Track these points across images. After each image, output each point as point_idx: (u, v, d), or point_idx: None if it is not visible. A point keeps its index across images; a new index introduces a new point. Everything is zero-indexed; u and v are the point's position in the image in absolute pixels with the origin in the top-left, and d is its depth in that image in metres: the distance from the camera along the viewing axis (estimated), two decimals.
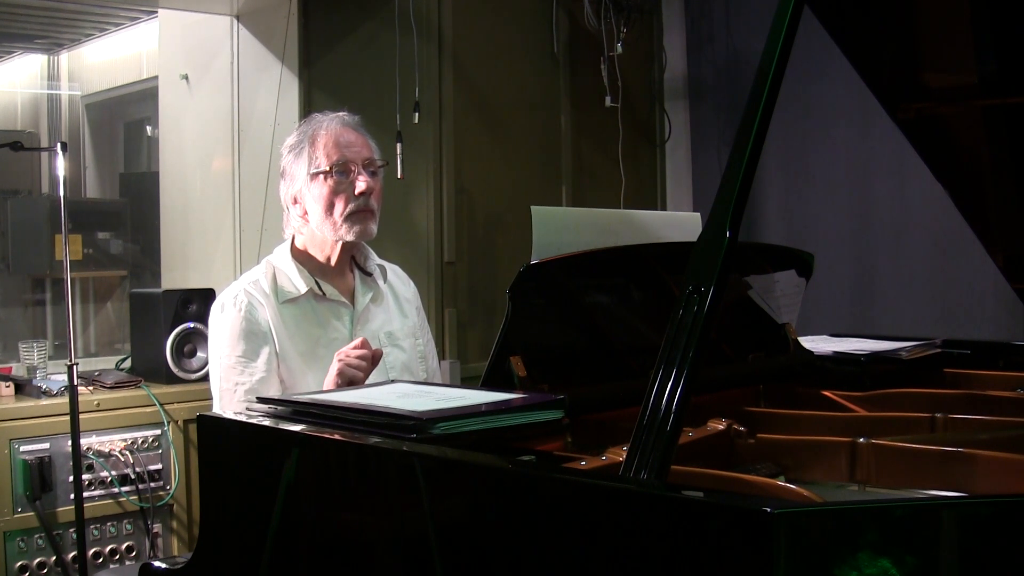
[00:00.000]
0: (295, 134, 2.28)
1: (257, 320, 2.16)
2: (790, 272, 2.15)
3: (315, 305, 2.23)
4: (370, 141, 2.28)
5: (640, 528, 1.10)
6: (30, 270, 4.83)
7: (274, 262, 2.26)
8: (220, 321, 2.19)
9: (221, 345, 2.18)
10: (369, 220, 2.22)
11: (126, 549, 3.17)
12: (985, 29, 1.82)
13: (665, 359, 1.24)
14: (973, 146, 2.08)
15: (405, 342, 2.34)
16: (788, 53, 1.36)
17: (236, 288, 2.21)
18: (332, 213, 2.20)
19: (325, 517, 1.47)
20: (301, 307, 2.22)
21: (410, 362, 2.33)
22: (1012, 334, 3.25)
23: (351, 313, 2.27)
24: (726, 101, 4.31)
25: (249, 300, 2.18)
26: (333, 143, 2.21)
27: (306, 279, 2.23)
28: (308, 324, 2.21)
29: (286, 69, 3.93)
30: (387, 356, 2.25)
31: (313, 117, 2.30)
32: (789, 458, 1.59)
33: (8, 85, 6.07)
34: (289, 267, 2.24)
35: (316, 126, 2.25)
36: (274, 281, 2.22)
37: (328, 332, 2.23)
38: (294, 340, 2.18)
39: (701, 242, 1.31)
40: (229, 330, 2.16)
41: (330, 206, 2.19)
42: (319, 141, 2.22)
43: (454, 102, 3.71)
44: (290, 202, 2.26)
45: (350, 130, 2.25)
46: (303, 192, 2.23)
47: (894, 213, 3.79)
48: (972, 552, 1.04)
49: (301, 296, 2.21)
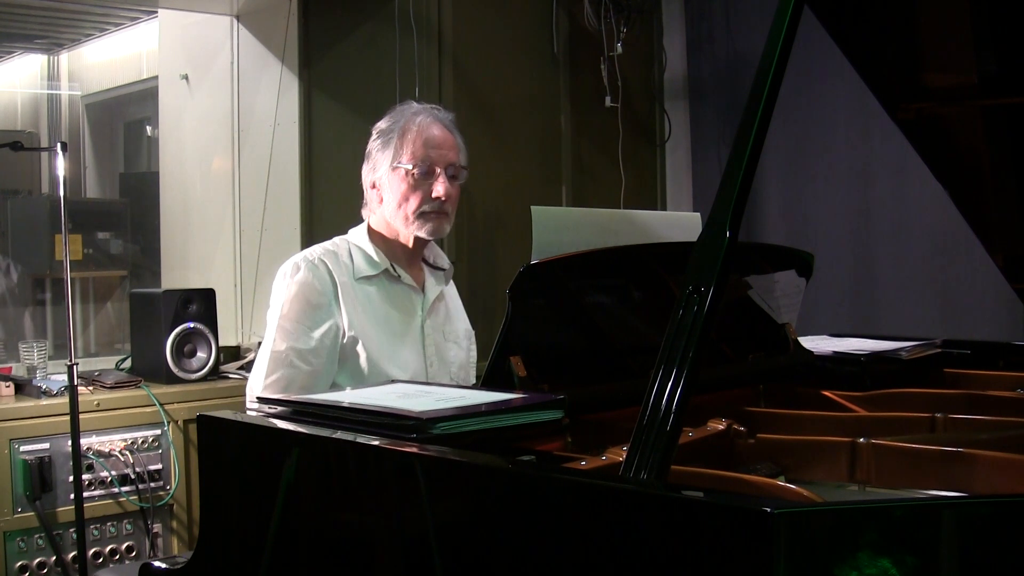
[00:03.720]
0: (387, 119, 2.25)
1: (325, 291, 2.13)
2: (790, 272, 2.15)
3: (389, 286, 2.23)
4: (459, 141, 2.25)
5: (640, 528, 1.10)
6: (30, 270, 4.83)
7: (351, 239, 2.25)
8: (287, 282, 2.14)
9: (282, 305, 2.13)
10: (443, 221, 2.21)
11: (126, 549, 3.17)
12: (985, 29, 1.82)
13: (665, 359, 1.24)
14: (973, 146, 2.07)
15: (463, 343, 2.35)
16: (788, 53, 1.36)
17: (311, 252, 2.18)
18: (405, 208, 2.18)
19: (325, 517, 1.47)
20: (376, 286, 2.21)
21: (465, 363, 2.34)
22: (1012, 334, 3.25)
23: (423, 301, 2.26)
24: (726, 101, 4.31)
25: (325, 265, 2.15)
26: (422, 141, 2.18)
27: (382, 260, 2.22)
28: (383, 303, 2.20)
29: (286, 69, 3.93)
30: (448, 352, 2.28)
31: (408, 105, 2.26)
32: (789, 458, 1.59)
33: (8, 85, 6.07)
34: (367, 245, 2.23)
35: (409, 117, 2.21)
36: (349, 257, 2.21)
37: (402, 313, 2.22)
38: (368, 316, 2.16)
39: (701, 242, 1.31)
40: (296, 291, 2.12)
41: (405, 201, 2.18)
42: (408, 135, 2.19)
43: (454, 102, 3.70)
44: (368, 186, 2.25)
45: (441, 128, 2.22)
46: (383, 180, 2.21)
47: (894, 213, 3.78)
48: (972, 552, 1.04)
49: (376, 275, 2.20)
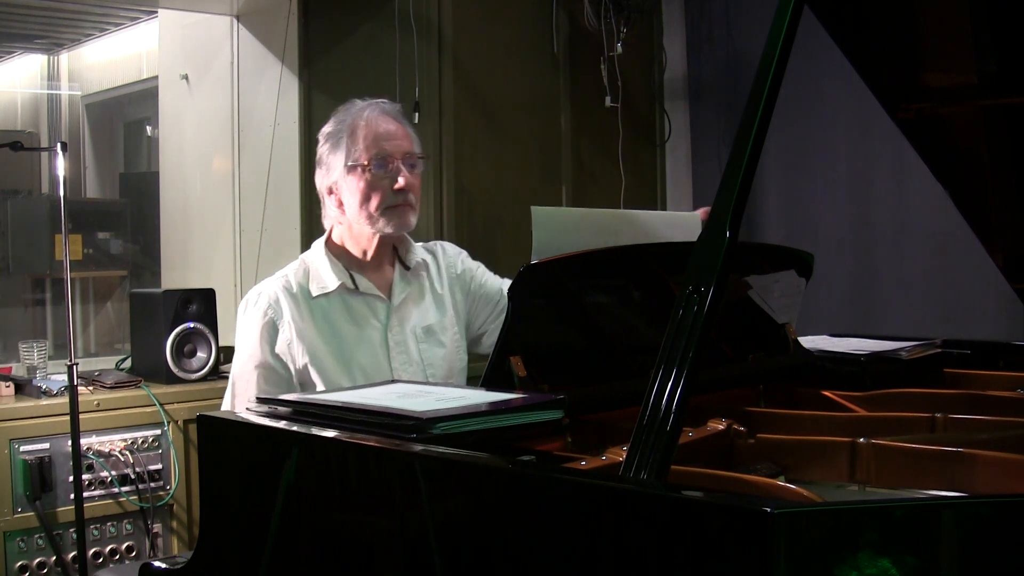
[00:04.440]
0: (332, 122, 2.21)
1: (276, 322, 2.13)
2: (790, 272, 2.15)
3: (348, 300, 2.19)
4: (410, 132, 2.21)
5: (640, 528, 1.10)
6: (30, 270, 4.83)
7: (307, 258, 2.23)
8: (242, 319, 2.17)
9: (239, 343, 2.17)
10: (408, 213, 2.17)
11: (126, 549, 3.17)
12: (985, 29, 1.82)
13: (665, 359, 1.24)
14: (973, 146, 2.07)
15: (444, 336, 2.27)
16: (788, 53, 1.36)
17: (263, 286, 2.18)
18: (368, 206, 2.14)
19: (325, 517, 1.47)
20: (333, 303, 2.17)
21: (449, 355, 2.27)
22: (1012, 334, 3.25)
23: (387, 307, 2.21)
24: (726, 101, 4.31)
25: (272, 301, 2.14)
26: (373, 135, 2.14)
27: (339, 273, 2.18)
28: (339, 320, 2.17)
29: (286, 69, 3.93)
30: (424, 352, 2.22)
31: (352, 104, 2.22)
32: (789, 458, 1.59)
33: (8, 85, 6.07)
34: (322, 261, 2.20)
35: (355, 115, 2.18)
36: (306, 277, 2.18)
37: (361, 328, 2.18)
38: (324, 338, 2.14)
39: (701, 242, 1.31)
40: (249, 329, 2.14)
41: (366, 199, 2.14)
42: (358, 132, 2.15)
43: (454, 102, 3.71)
44: (325, 192, 2.21)
45: (390, 120, 2.18)
46: (339, 183, 2.17)
47: (894, 213, 3.78)
48: (972, 552, 1.04)
49: (333, 292, 2.17)
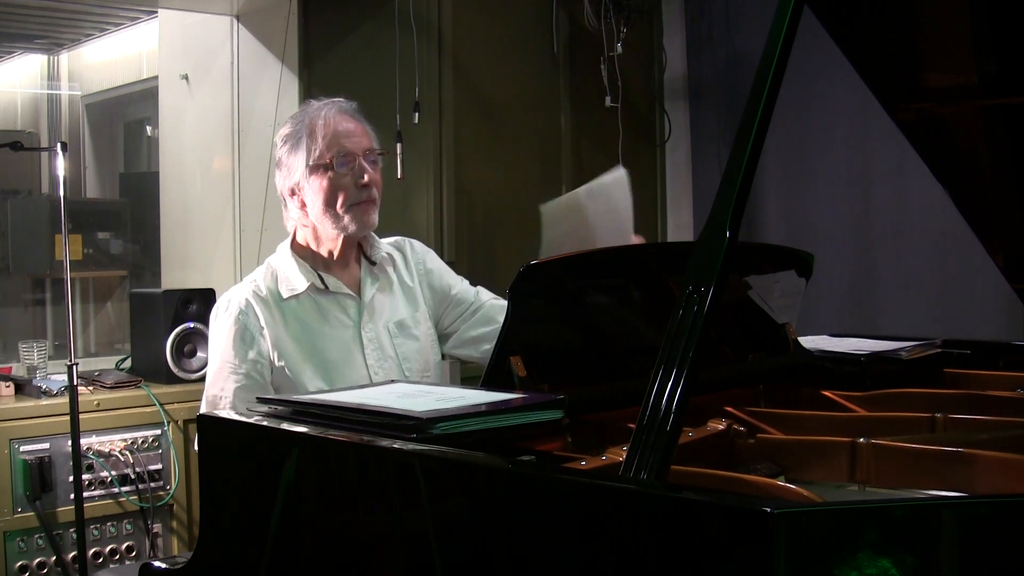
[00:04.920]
0: (290, 123, 2.21)
1: (248, 327, 2.12)
2: (790, 272, 2.15)
3: (318, 300, 2.19)
4: (369, 129, 2.21)
5: (640, 528, 1.10)
6: (30, 270, 4.83)
7: (274, 262, 2.22)
8: (214, 327, 2.18)
9: (212, 350, 2.18)
10: (371, 211, 2.17)
11: (126, 549, 3.17)
12: (985, 29, 1.82)
13: (665, 359, 1.24)
14: (973, 146, 2.07)
15: (418, 329, 2.27)
16: (788, 53, 1.36)
17: (233, 293, 2.18)
18: (333, 206, 2.14)
19: (325, 517, 1.47)
20: (303, 304, 2.17)
21: (424, 349, 2.27)
22: (1012, 334, 3.25)
23: (358, 305, 2.21)
24: (726, 101, 4.31)
25: (242, 307, 2.13)
26: (332, 133, 2.14)
27: (307, 274, 2.18)
28: (311, 320, 2.17)
29: (286, 69, 3.93)
30: (399, 347, 2.22)
31: (309, 104, 2.22)
32: (789, 458, 1.59)
33: (8, 85, 6.06)
34: (289, 264, 2.20)
35: (313, 115, 2.17)
36: (274, 281, 2.18)
37: (333, 327, 2.18)
38: (297, 339, 2.14)
39: (701, 242, 1.31)
40: (221, 336, 2.14)
41: (331, 199, 2.14)
42: (318, 132, 2.14)
43: (454, 102, 3.71)
44: (287, 194, 2.20)
45: (348, 118, 2.18)
46: (302, 184, 2.16)
47: (894, 213, 3.78)
48: (972, 552, 1.04)
49: (303, 293, 2.17)
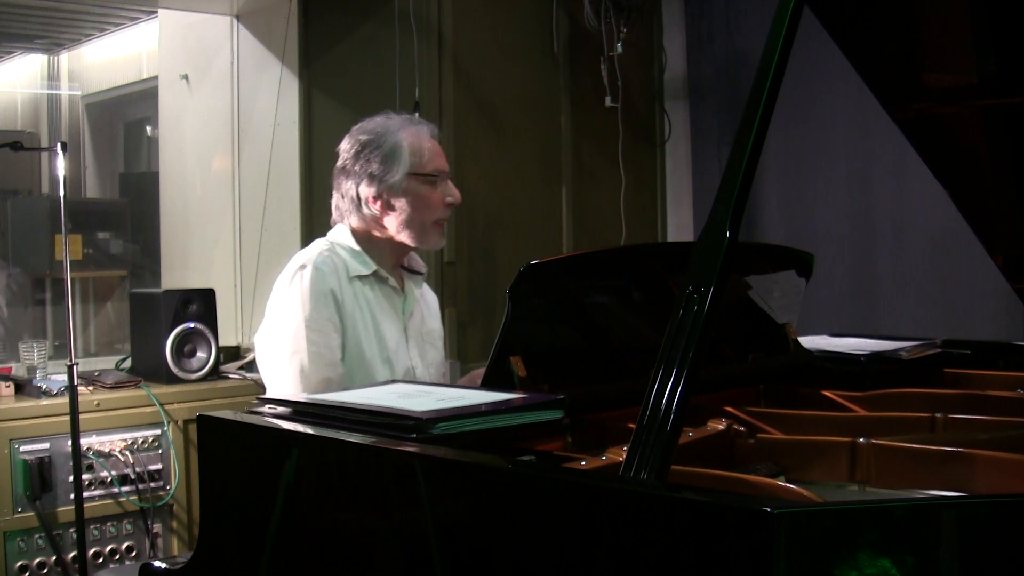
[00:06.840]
0: (370, 132, 2.24)
1: (330, 291, 2.14)
2: (790, 272, 2.15)
3: (378, 288, 2.26)
4: None
5: (640, 528, 1.10)
6: (30, 270, 4.83)
7: (335, 240, 2.26)
8: (288, 291, 2.14)
9: (294, 305, 2.12)
10: (443, 230, 2.29)
11: (126, 549, 3.17)
12: (985, 29, 1.82)
13: (665, 359, 1.24)
14: (973, 146, 2.07)
15: (438, 343, 2.40)
16: (788, 53, 1.37)
17: (307, 259, 2.17)
18: (427, 216, 2.22)
19: (325, 517, 1.47)
20: (368, 286, 2.24)
21: (441, 363, 2.40)
22: (1012, 334, 3.25)
23: (403, 303, 2.29)
24: (726, 101, 4.31)
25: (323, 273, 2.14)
26: (435, 151, 2.25)
27: (371, 261, 2.24)
28: (373, 304, 2.23)
29: (286, 69, 3.93)
30: (427, 354, 2.32)
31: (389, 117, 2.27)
32: (789, 458, 1.59)
33: (8, 85, 6.07)
34: (354, 249, 2.24)
35: (406, 127, 2.24)
36: (341, 258, 2.22)
37: (387, 315, 2.25)
38: (363, 318, 2.19)
39: (701, 242, 1.31)
40: (308, 290, 2.12)
41: (426, 209, 2.22)
42: (422, 144, 2.23)
43: (454, 102, 3.71)
44: (369, 199, 2.22)
45: (436, 141, 2.29)
46: (397, 191, 2.20)
47: (894, 213, 3.78)
48: (972, 552, 1.04)
49: (368, 276, 2.23)
